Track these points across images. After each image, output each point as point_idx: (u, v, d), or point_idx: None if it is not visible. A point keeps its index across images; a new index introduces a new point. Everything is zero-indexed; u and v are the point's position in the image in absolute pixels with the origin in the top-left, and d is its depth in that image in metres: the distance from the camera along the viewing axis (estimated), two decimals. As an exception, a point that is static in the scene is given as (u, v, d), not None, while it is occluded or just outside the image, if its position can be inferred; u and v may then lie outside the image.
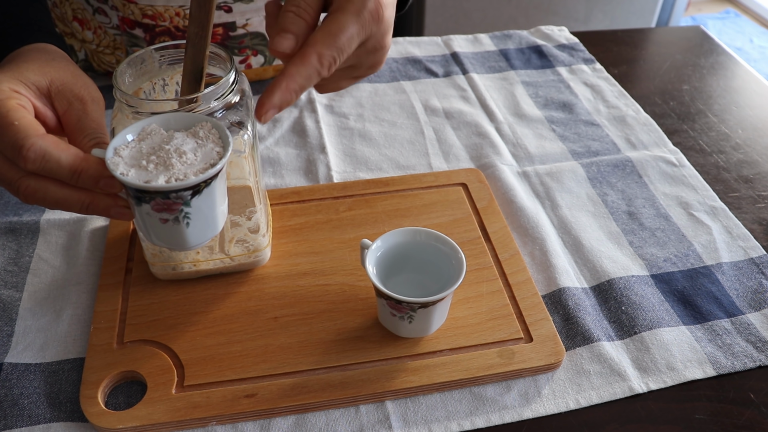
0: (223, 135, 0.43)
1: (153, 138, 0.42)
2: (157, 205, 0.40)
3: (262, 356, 0.52)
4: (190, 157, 0.41)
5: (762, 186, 0.72)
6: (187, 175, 0.40)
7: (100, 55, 0.81)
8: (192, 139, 0.43)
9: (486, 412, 0.50)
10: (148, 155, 0.41)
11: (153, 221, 0.42)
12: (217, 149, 0.42)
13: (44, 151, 0.40)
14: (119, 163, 0.40)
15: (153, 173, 0.40)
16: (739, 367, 0.53)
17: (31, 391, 0.50)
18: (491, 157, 0.74)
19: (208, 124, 0.44)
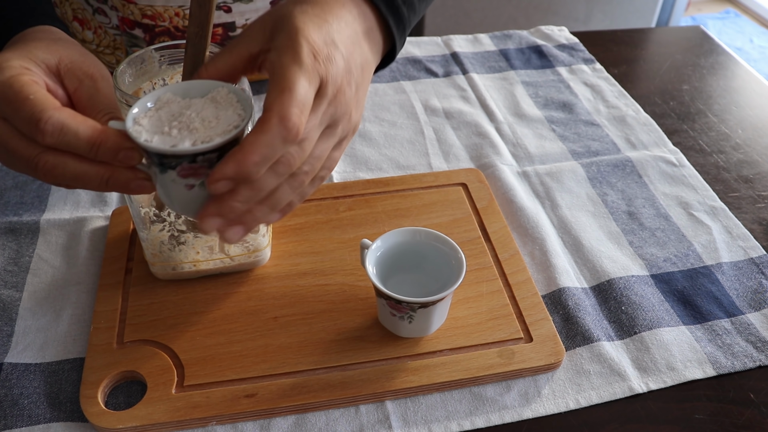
0: (242, 98, 0.42)
1: (171, 106, 0.41)
2: (183, 170, 0.39)
3: (262, 356, 0.52)
4: (213, 121, 0.40)
5: (762, 186, 0.72)
6: (212, 138, 0.39)
7: (101, 55, 0.81)
8: (211, 104, 0.42)
9: (486, 412, 0.50)
10: (169, 121, 0.40)
11: (178, 188, 0.40)
12: (238, 111, 0.41)
13: (62, 124, 0.39)
14: (141, 131, 0.39)
15: (177, 138, 0.39)
16: (738, 367, 0.53)
17: (31, 391, 0.50)
18: (491, 157, 0.74)
19: (224, 89, 0.43)
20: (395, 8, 0.50)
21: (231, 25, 0.76)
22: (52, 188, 0.69)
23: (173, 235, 0.54)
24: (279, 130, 0.37)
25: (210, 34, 0.47)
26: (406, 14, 0.51)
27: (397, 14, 0.50)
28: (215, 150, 0.39)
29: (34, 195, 0.68)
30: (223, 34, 0.76)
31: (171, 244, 0.55)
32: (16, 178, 0.70)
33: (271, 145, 0.37)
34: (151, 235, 0.54)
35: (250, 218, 0.42)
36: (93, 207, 0.67)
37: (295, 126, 0.38)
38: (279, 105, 0.38)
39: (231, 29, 0.76)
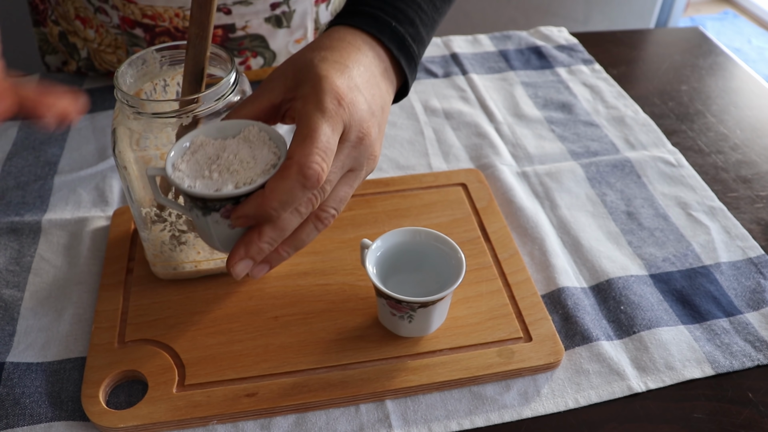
0: (273, 136, 0.43)
1: (206, 149, 0.43)
2: (227, 211, 0.40)
3: (262, 356, 0.52)
4: (251, 162, 0.41)
5: (760, 186, 0.72)
6: (253, 179, 0.40)
7: (102, 54, 0.81)
8: (245, 144, 0.43)
9: (485, 411, 0.50)
10: (209, 165, 0.41)
11: (222, 228, 0.42)
12: (273, 150, 0.42)
13: None
14: (183, 177, 0.41)
15: (219, 181, 0.40)
16: (737, 366, 0.53)
17: (32, 391, 0.50)
18: (491, 158, 0.74)
19: (255, 128, 0.44)
20: (406, 49, 0.51)
21: (231, 27, 0.76)
22: (54, 188, 0.69)
23: (174, 235, 0.55)
24: (298, 177, 0.39)
25: (211, 36, 0.47)
26: (416, 51, 0.52)
27: (408, 54, 0.51)
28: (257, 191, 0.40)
29: (35, 195, 0.68)
30: (223, 36, 0.76)
31: (172, 244, 0.55)
32: (18, 178, 0.70)
33: (291, 191, 0.39)
34: (152, 235, 0.54)
35: (276, 257, 0.44)
36: (94, 207, 0.67)
37: (315, 174, 0.39)
38: (300, 152, 0.39)
39: (231, 31, 0.76)
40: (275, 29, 0.78)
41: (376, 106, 0.46)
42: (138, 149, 0.49)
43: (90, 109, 0.81)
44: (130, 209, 0.54)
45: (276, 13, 0.77)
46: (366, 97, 0.44)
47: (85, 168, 0.72)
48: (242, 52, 0.79)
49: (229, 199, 0.40)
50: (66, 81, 0.85)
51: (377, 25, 0.50)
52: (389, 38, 0.50)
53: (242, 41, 0.78)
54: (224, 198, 0.40)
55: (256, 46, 0.79)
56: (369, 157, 0.45)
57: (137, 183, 0.51)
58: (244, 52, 0.79)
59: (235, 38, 0.77)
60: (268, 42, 0.79)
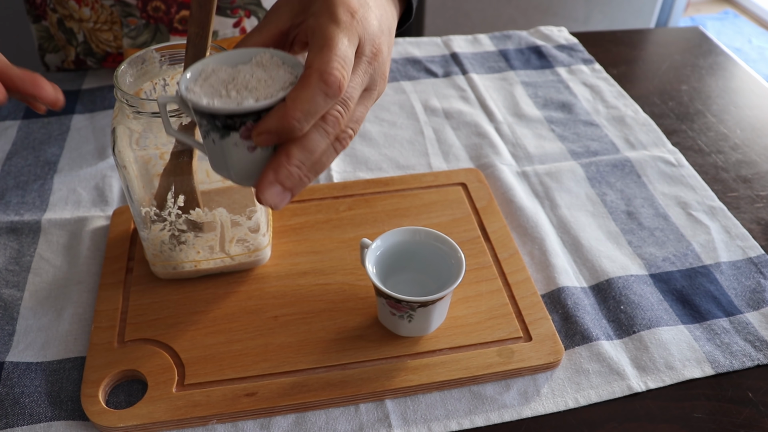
0: (286, 59, 0.41)
1: (219, 74, 0.40)
2: (247, 130, 0.38)
3: (262, 355, 0.52)
4: (268, 80, 0.39)
5: (760, 186, 0.72)
6: (272, 94, 0.38)
7: (98, 33, 0.80)
8: (259, 68, 0.41)
9: (485, 411, 0.50)
10: (225, 85, 0.39)
11: (240, 152, 0.39)
12: (288, 70, 0.40)
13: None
14: (200, 95, 0.38)
15: (238, 98, 0.38)
16: (737, 366, 0.53)
17: (32, 390, 0.50)
18: (491, 157, 0.74)
19: (267, 54, 0.41)
20: None
21: None
22: (54, 188, 0.69)
23: (174, 234, 0.55)
24: (320, 85, 0.37)
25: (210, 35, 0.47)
26: None
27: None
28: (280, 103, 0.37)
29: (35, 195, 0.68)
30: None
31: (172, 243, 0.55)
32: (18, 178, 0.70)
33: (313, 100, 0.37)
34: (151, 234, 0.54)
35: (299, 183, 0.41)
36: (94, 207, 0.67)
37: (336, 80, 0.37)
38: (319, 61, 0.37)
39: None
40: None
41: (386, 26, 0.45)
42: (138, 149, 0.49)
43: (90, 108, 0.81)
44: (130, 209, 0.54)
45: None
46: (376, 15, 0.43)
47: (84, 167, 0.72)
48: (235, 11, 0.76)
49: (250, 114, 0.37)
50: (66, 80, 0.85)
51: None
52: None
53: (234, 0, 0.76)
54: (245, 113, 0.37)
55: (248, 4, 0.76)
56: (381, 75, 0.44)
57: (137, 182, 0.51)
58: (237, 11, 0.76)
59: None
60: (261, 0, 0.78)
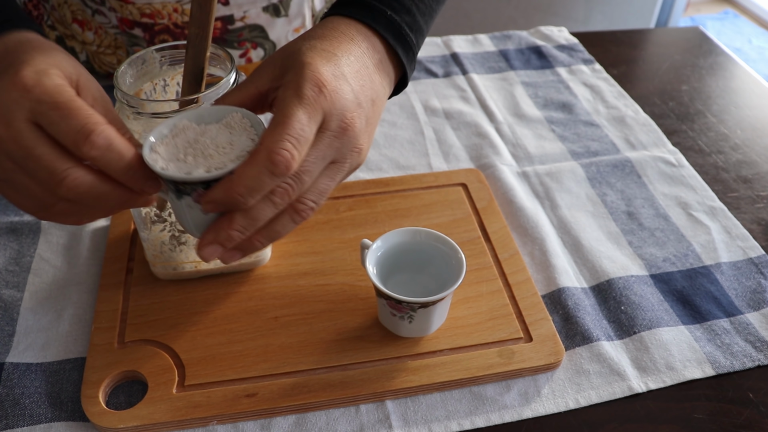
0: (255, 123, 0.42)
1: (187, 133, 0.42)
2: (198, 196, 0.40)
3: (262, 356, 0.52)
4: (227, 147, 0.41)
5: (761, 186, 0.72)
6: (225, 164, 0.39)
7: (101, 56, 0.81)
8: (226, 130, 0.42)
9: (486, 412, 0.50)
10: (185, 149, 0.41)
11: (195, 213, 0.41)
12: (251, 137, 0.41)
13: (111, 140, 0.38)
14: (157, 158, 0.40)
15: (192, 165, 0.40)
16: (738, 366, 0.53)
17: (32, 391, 0.50)
18: (491, 158, 0.74)
19: (239, 114, 0.43)
20: (402, 38, 0.49)
21: (229, 18, 0.76)
22: (53, 188, 0.69)
23: (174, 235, 0.54)
24: (266, 164, 0.37)
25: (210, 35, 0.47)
26: (414, 41, 0.51)
27: (405, 44, 0.50)
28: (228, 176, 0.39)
29: (35, 195, 0.68)
30: (222, 28, 0.76)
31: (172, 244, 0.55)
32: (17, 178, 0.70)
33: (258, 177, 0.37)
34: (152, 235, 0.54)
35: (249, 246, 0.42)
36: (94, 207, 0.67)
37: (284, 160, 0.37)
38: (270, 139, 0.38)
39: (230, 22, 0.76)
40: (273, 18, 0.78)
41: (365, 98, 0.44)
42: (138, 149, 0.49)
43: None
44: (130, 209, 0.54)
45: (273, 2, 0.77)
46: (353, 87, 0.43)
47: (84, 168, 0.72)
48: (242, 44, 0.78)
49: (200, 183, 0.39)
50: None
51: (372, 15, 0.48)
52: (385, 28, 0.48)
53: (241, 32, 0.77)
54: (194, 182, 0.39)
55: (255, 37, 0.78)
56: (353, 149, 0.43)
57: (137, 183, 0.51)
58: (243, 44, 0.78)
59: (234, 29, 0.77)
60: (267, 32, 0.78)
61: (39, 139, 0.38)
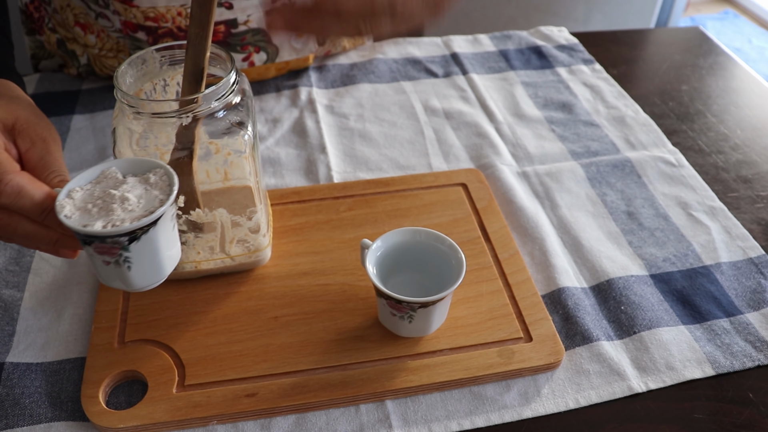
0: (172, 183, 0.44)
1: (107, 182, 0.44)
2: (97, 248, 0.42)
3: (262, 356, 0.52)
4: (133, 203, 0.42)
5: (761, 186, 0.72)
6: (123, 221, 0.41)
7: (103, 59, 0.81)
8: (142, 185, 0.44)
9: (486, 412, 0.50)
10: (95, 199, 0.42)
11: (97, 262, 0.43)
12: (161, 197, 0.43)
13: (20, 187, 0.41)
14: (67, 205, 0.42)
15: (94, 217, 0.41)
16: (737, 366, 0.53)
17: (32, 391, 0.50)
18: (491, 158, 0.74)
19: (162, 170, 0.45)
20: None
21: (233, 22, 0.76)
22: (53, 188, 0.69)
23: (174, 235, 0.54)
24: None
25: (211, 35, 0.47)
26: None
27: None
28: (123, 234, 0.41)
29: (35, 195, 0.68)
30: (225, 32, 0.76)
31: (172, 244, 0.55)
32: (17, 178, 0.70)
33: None
34: (151, 235, 0.54)
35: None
36: (94, 207, 0.67)
37: None
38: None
39: (233, 26, 0.76)
40: None
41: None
42: (138, 149, 0.49)
43: (90, 109, 0.81)
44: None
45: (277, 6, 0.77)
46: None
47: (84, 168, 0.72)
48: (245, 48, 0.79)
49: (96, 237, 0.41)
50: (66, 80, 0.85)
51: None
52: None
53: (245, 36, 0.77)
54: (91, 235, 0.41)
55: (258, 41, 0.79)
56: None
57: (137, 183, 0.51)
58: (246, 47, 0.79)
59: (238, 33, 0.77)
60: (270, 36, 0.79)
61: None
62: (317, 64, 0.90)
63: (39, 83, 0.85)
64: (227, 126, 0.50)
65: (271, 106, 0.82)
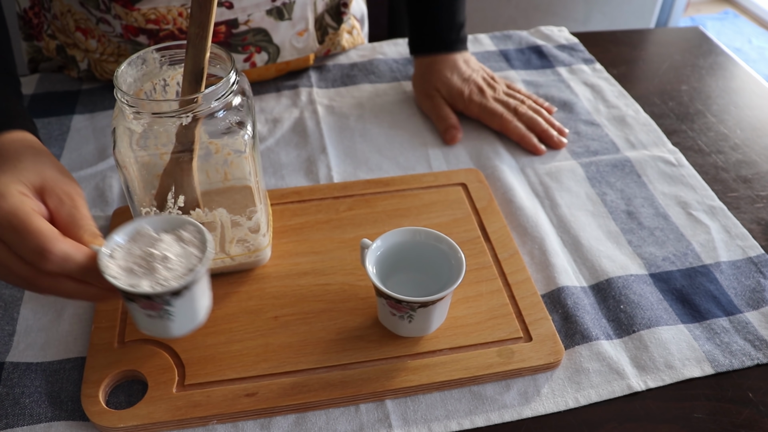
0: (204, 240, 0.47)
1: (143, 240, 0.47)
2: (142, 304, 0.45)
3: (262, 355, 0.52)
4: (174, 262, 0.45)
5: (760, 186, 0.72)
6: (168, 281, 0.44)
7: (103, 63, 0.81)
8: (177, 243, 0.47)
9: (485, 411, 0.50)
10: (137, 258, 0.45)
11: (140, 315, 0.46)
12: (197, 254, 0.46)
13: (66, 254, 0.43)
14: (111, 265, 0.45)
15: (140, 277, 0.44)
16: (737, 365, 0.53)
17: (32, 390, 0.50)
18: (491, 157, 0.74)
19: (193, 227, 0.48)
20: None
21: (234, 22, 0.76)
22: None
23: (174, 234, 0.54)
24: None
25: (210, 35, 0.47)
26: None
27: None
28: (169, 293, 0.44)
29: (35, 195, 0.68)
30: (226, 32, 0.76)
31: (172, 243, 0.55)
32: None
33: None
34: (151, 234, 0.54)
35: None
36: (94, 207, 0.67)
37: None
38: None
39: (234, 26, 0.76)
40: (277, 22, 0.78)
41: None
42: (138, 149, 0.49)
43: (90, 109, 0.81)
44: (130, 209, 0.54)
45: (277, 5, 0.77)
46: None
47: (85, 168, 0.72)
48: (246, 48, 0.79)
49: (143, 296, 0.44)
50: (66, 80, 0.85)
51: None
52: None
53: (245, 36, 0.77)
54: (139, 294, 0.44)
55: (259, 41, 0.79)
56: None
57: (137, 183, 0.51)
58: (248, 48, 0.79)
59: (239, 33, 0.77)
60: (271, 35, 0.79)
61: (6, 254, 0.44)
62: (317, 64, 0.90)
63: (39, 83, 0.85)
64: (227, 126, 0.50)
65: (272, 106, 0.83)
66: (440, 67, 0.80)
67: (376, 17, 1.36)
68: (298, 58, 0.84)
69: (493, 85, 0.81)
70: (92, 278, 0.45)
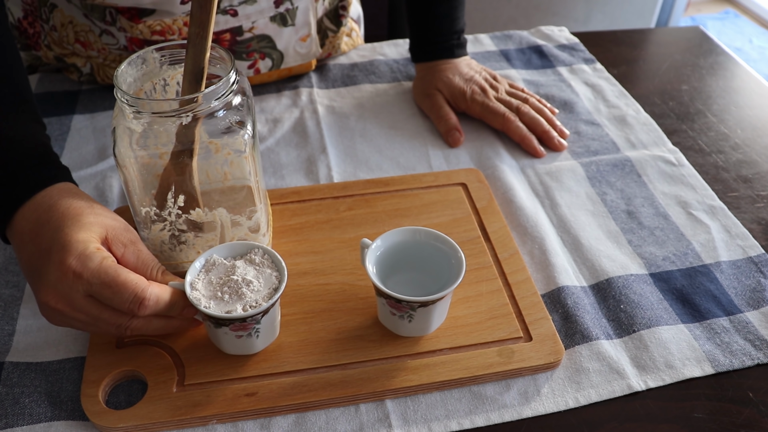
0: (275, 259, 0.51)
1: (218, 269, 0.50)
2: (234, 327, 0.48)
3: (262, 355, 0.52)
4: (256, 284, 0.49)
5: (761, 186, 0.72)
6: (258, 302, 0.48)
7: (106, 69, 0.81)
8: (251, 267, 0.51)
9: (486, 411, 0.50)
10: (221, 286, 0.49)
11: (229, 338, 0.50)
12: (275, 274, 0.50)
13: (157, 296, 0.47)
14: (200, 297, 0.48)
15: (229, 303, 0.48)
16: (737, 365, 0.53)
17: (32, 390, 0.50)
18: (491, 157, 0.74)
19: (261, 250, 0.52)
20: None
21: (238, 29, 0.76)
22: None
23: (174, 234, 0.54)
24: None
25: (211, 35, 0.47)
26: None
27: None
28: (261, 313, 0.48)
29: (35, 195, 0.68)
30: (231, 40, 0.76)
31: (172, 243, 0.55)
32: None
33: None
34: (152, 234, 0.54)
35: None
36: (94, 207, 0.67)
37: None
38: None
39: (238, 33, 0.76)
40: (281, 28, 0.78)
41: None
42: (138, 149, 0.49)
43: (90, 109, 0.81)
44: (130, 209, 0.54)
45: (280, 11, 0.77)
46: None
47: (85, 168, 0.72)
48: (250, 55, 0.79)
49: (237, 319, 0.47)
50: (65, 82, 0.85)
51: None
52: None
53: (250, 43, 0.77)
54: (234, 319, 0.47)
55: (263, 47, 0.79)
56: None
57: (137, 182, 0.51)
58: (252, 55, 0.79)
59: (243, 41, 0.77)
60: (275, 42, 0.79)
61: (99, 306, 0.47)
62: (318, 64, 0.90)
63: (39, 83, 0.85)
64: (227, 125, 0.50)
65: (272, 106, 0.82)
66: (442, 69, 0.81)
67: (376, 17, 1.36)
68: (301, 64, 0.84)
69: (495, 85, 0.81)
70: (177, 312, 0.49)
